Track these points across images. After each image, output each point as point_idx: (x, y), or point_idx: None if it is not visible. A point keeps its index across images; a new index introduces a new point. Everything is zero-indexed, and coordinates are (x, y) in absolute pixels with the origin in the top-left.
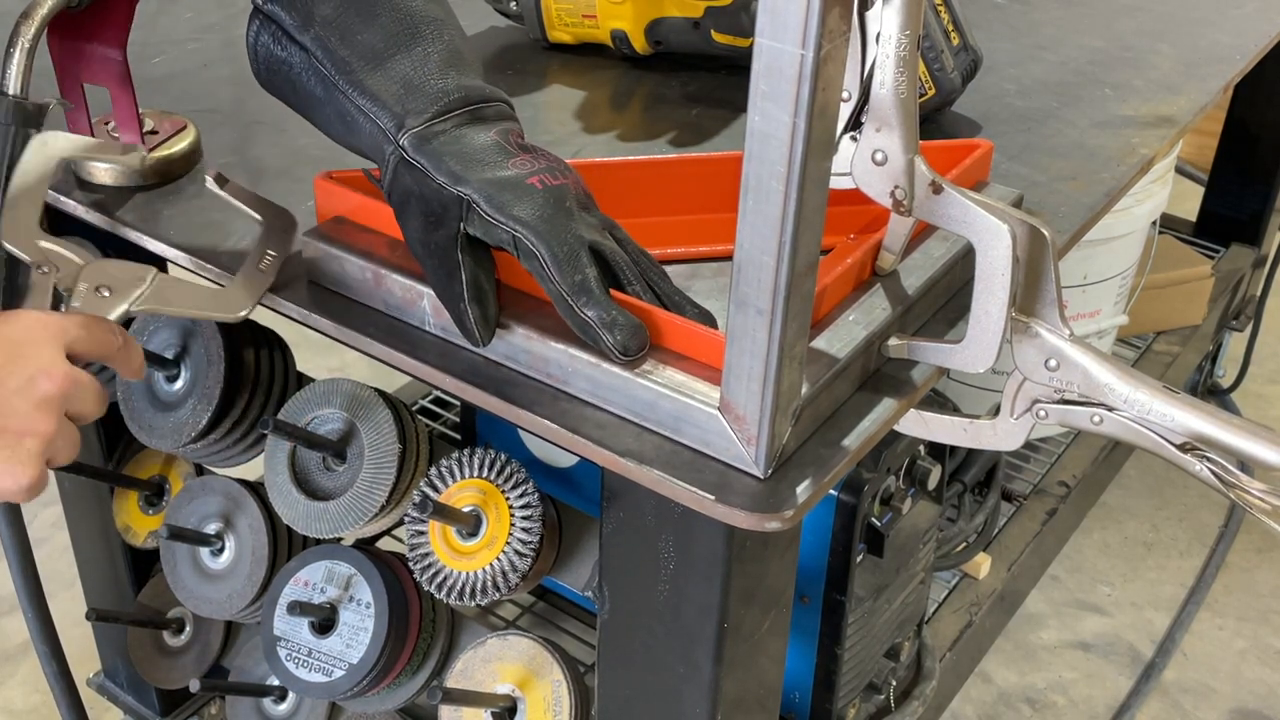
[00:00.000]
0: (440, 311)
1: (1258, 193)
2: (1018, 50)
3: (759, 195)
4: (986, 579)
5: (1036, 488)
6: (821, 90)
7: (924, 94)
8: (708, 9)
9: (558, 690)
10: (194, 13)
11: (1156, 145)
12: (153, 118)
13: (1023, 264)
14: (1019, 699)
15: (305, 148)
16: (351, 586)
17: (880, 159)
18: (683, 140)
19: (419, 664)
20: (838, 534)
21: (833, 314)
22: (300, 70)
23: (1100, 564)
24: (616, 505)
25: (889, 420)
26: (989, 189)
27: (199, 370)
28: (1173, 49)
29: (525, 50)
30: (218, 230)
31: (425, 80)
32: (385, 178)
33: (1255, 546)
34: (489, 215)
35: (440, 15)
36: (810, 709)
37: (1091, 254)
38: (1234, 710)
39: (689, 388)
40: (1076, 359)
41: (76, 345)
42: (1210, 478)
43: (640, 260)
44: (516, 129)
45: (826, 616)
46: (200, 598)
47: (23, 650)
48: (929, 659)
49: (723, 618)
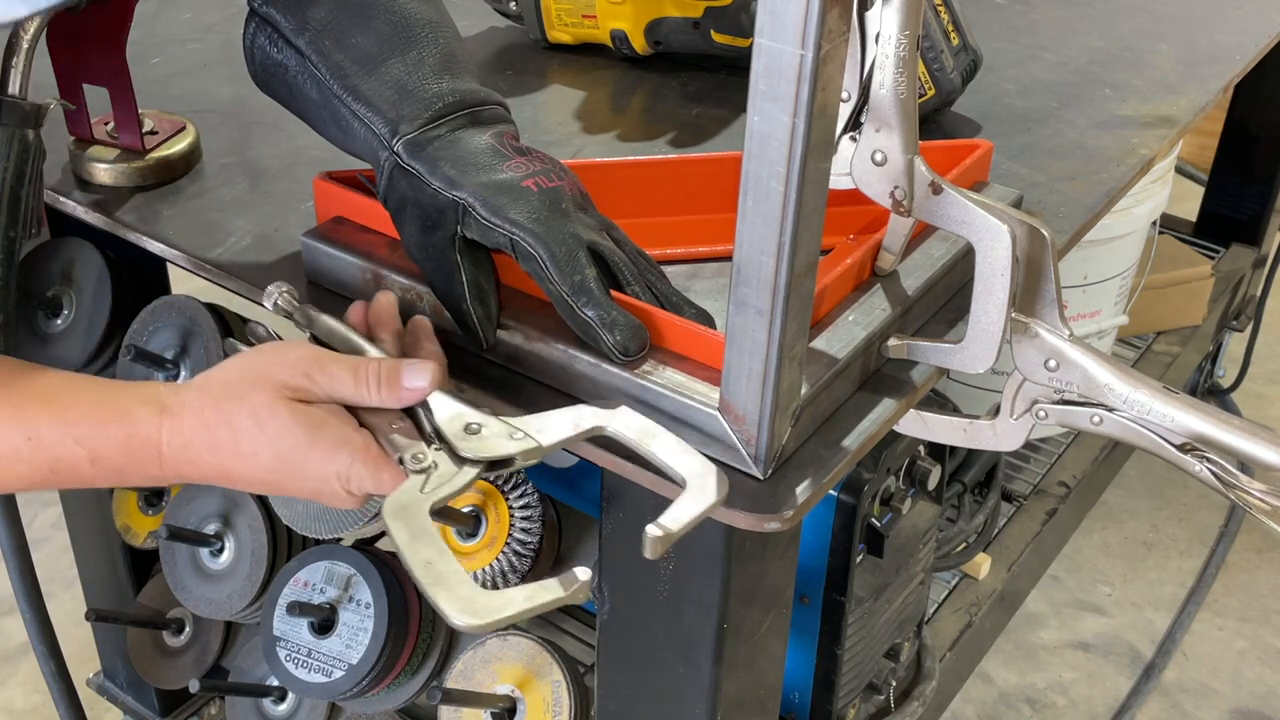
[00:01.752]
0: (440, 311)
1: (1258, 193)
2: (1018, 50)
3: (759, 195)
4: (986, 579)
5: (1036, 488)
6: (821, 90)
7: (924, 94)
8: (707, 9)
9: (557, 690)
10: (194, 13)
11: (1156, 145)
12: (153, 118)
13: (1023, 264)
14: (1019, 699)
15: (305, 148)
16: (351, 587)
17: (880, 159)
18: (683, 140)
19: (419, 664)
20: (838, 534)
21: (833, 314)
22: (296, 73)
23: (1100, 564)
24: (616, 505)
25: (889, 420)
26: (989, 189)
27: (199, 370)
28: (1173, 49)
29: (525, 50)
30: (218, 230)
31: (419, 85)
32: (381, 183)
33: (1255, 546)
34: (485, 219)
35: (435, 18)
36: (810, 709)
37: (1091, 254)
38: (1234, 710)
39: (689, 388)
40: (1076, 359)
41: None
42: (1210, 478)
43: (638, 261)
44: (512, 131)
45: (826, 616)
46: (200, 598)
47: (22, 650)
48: (929, 659)
49: (723, 618)
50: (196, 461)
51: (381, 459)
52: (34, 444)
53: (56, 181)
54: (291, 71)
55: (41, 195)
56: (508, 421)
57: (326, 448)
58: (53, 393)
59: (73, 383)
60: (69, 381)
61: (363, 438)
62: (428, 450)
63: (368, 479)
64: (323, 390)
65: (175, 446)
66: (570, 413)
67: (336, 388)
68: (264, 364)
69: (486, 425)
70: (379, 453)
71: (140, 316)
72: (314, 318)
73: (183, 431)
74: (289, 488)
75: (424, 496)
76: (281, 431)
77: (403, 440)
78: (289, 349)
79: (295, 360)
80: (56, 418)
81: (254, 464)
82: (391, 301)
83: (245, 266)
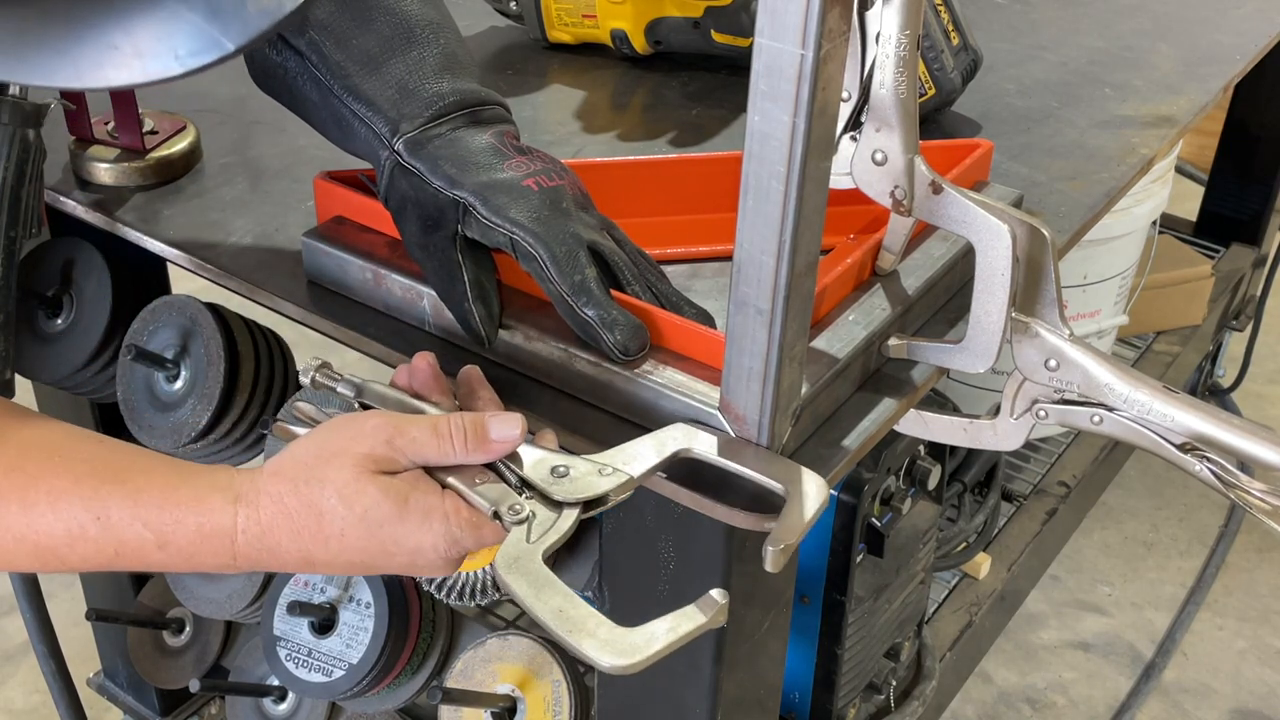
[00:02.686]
0: (440, 311)
1: (1258, 193)
2: (1018, 50)
3: (759, 195)
4: (986, 579)
5: (1036, 488)
6: (821, 90)
7: (924, 94)
8: (708, 9)
9: (558, 690)
10: None
11: (1156, 145)
12: (153, 118)
13: (1023, 264)
14: (1019, 699)
15: (305, 148)
16: (351, 586)
17: (880, 159)
18: (683, 140)
19: (419, 664)
20: (838, 534)
21: (833, 314)
22: (295, 74)
23: (1100, 564)
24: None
25: (889, 420)
26: (989, 189)
27: (199, 370)
28: (1173, 49)
29: (525, 50)
30: (218, 230)
31: (420, 84)
32: (381, 182)
33: (1255, 546)
34: (486, 218)
35: (436, 19)
36: (810, 709)
37: (1091, 254)
38: (1234, 710)
39: (689, 388)
40: (1076, 359)
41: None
42: (1210, 478)
43: (638, 260)
44: (513, 131)
45: (826, 616)
46: (200, 598)
47: (22, 650)
48: (929, 659)
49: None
50: (276, 550)
51: (477, 517)
52: (102, 524)
53: (57, 181)
54: (291, 73)
55: (42, 195)
56: (592, 459)
57: (418, 517)
58: (124, 472)
59: (144, 461)
60: (139, 460)
61: (452, 500)
62: (522, 500)
63: (469, 540)
64: (406, 457)
65: (251, 535)
66: (652, 439)
67: (420, 451)
68: (339, 439)
69: (574, 466)
70: (471, 512)
71: (140, 316)
72: (363, 387)
73: (260, 520)
74: (379, 565)
75: (533, 546)
76: (370, 508)
77: (493, 494)
78: (363, 419)
79: (373, 430)
80: (126, 499)
81: (341, 545)
82: (431, 362)
83: (245, 266)
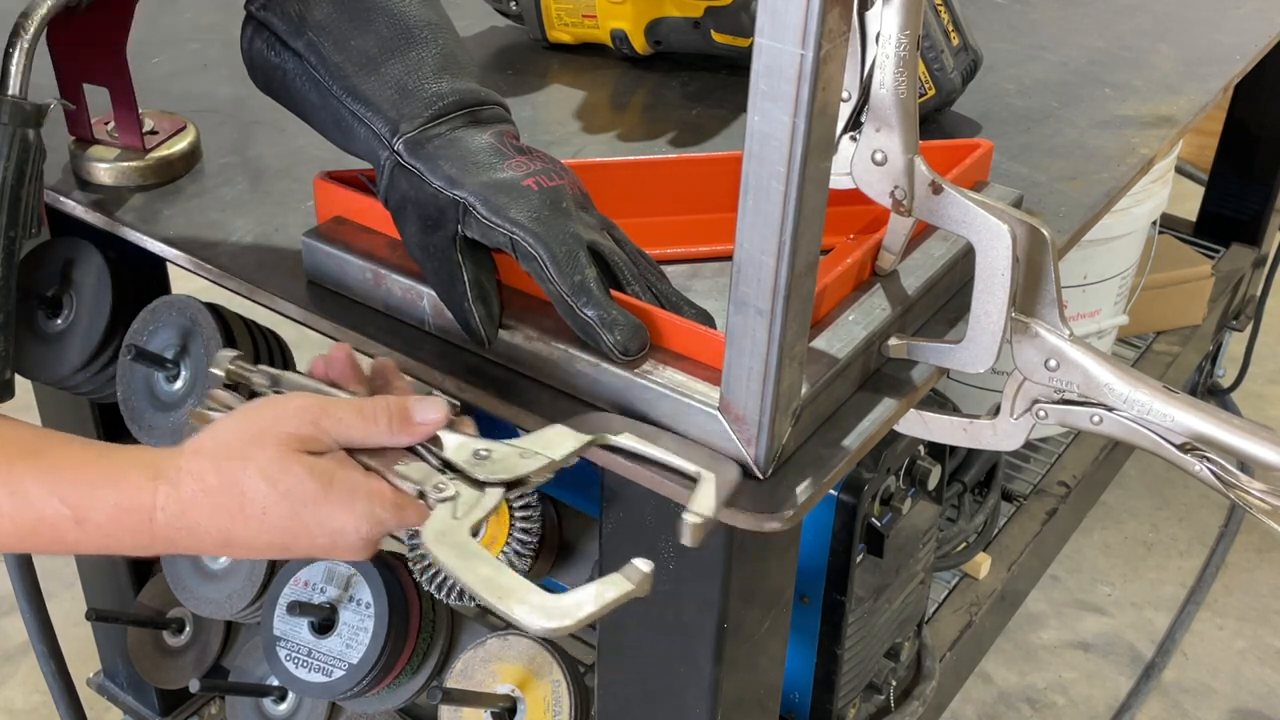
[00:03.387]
0: (440, 311)
1: (1258, 193)
2: (1018, 50)
3: (759, 195)
4: (986, 579)
5: (1036, 488)
6: (821, 90)
7: (924, 94)
8: (708, 9)
9: (558, 690)
10: (194, 13)
11: (1156, 145)
12: (153, 118)
13: (1023, 264)
14: (1019, 699)
15: (305, 148)
16: (351, 586)
17: (880, 159)
18: (683, 140)
19: (419, 664)
20: (838, 534)
21: (833, 314)
22: (295, 75)
23: (1100, 564)
24: (616, 505)
25: (889, 420)
26: (989, 189)
27: (199, 370)
28: (1173, 49)
29: (525, 50)
30: (218, 230)
31: (419, 85)
32: (381, 183)
33: (1255, 546)
34: (486, 218)
35: (434, 19)
36: (810, 709)
37: (1091, 254)
38: (1234, 710)
39: (689, 388)
40: (1076, 359)
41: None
42: (1210, 478)
43: (638, 260)
44: (512, 131)
45: (826, 616)
46: (200, 598)
47: (22, 650)
48: (929, 659)
49: (723, 618)
50: (194, 529)
51: (400, 498)
52: (18, 499)
53: (57, 181)
54: (290, 74)
55: (41, 195)
56: (513, 443)
57: (342, 497)
58: (40, 449)
59: (61, 441)
60: (56, 440)
61: (376, 481)
62: (446, 480)
63: (392, 520)
64: (331, 437)
65: (170, 513)
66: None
67: (345, 431)
68: (263, 418)
69: (494, 449)
70: (395, 492)
71: (140, 316)
72: (279, 376)
73: (180, 498)
74: (298, 546)
75: (459, 521)
76: (294, 487)
77: (416, 474)
78: (287, 400)
79: (298, 410)
80: (43, 475)
81: (261, 525)
82: (349, 352)
83: (245, 266)
